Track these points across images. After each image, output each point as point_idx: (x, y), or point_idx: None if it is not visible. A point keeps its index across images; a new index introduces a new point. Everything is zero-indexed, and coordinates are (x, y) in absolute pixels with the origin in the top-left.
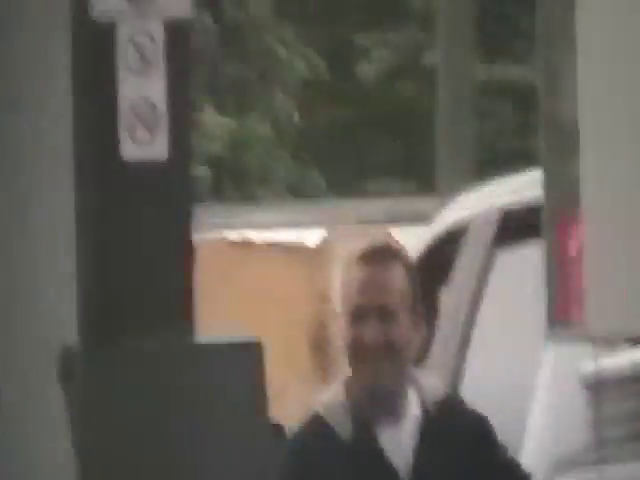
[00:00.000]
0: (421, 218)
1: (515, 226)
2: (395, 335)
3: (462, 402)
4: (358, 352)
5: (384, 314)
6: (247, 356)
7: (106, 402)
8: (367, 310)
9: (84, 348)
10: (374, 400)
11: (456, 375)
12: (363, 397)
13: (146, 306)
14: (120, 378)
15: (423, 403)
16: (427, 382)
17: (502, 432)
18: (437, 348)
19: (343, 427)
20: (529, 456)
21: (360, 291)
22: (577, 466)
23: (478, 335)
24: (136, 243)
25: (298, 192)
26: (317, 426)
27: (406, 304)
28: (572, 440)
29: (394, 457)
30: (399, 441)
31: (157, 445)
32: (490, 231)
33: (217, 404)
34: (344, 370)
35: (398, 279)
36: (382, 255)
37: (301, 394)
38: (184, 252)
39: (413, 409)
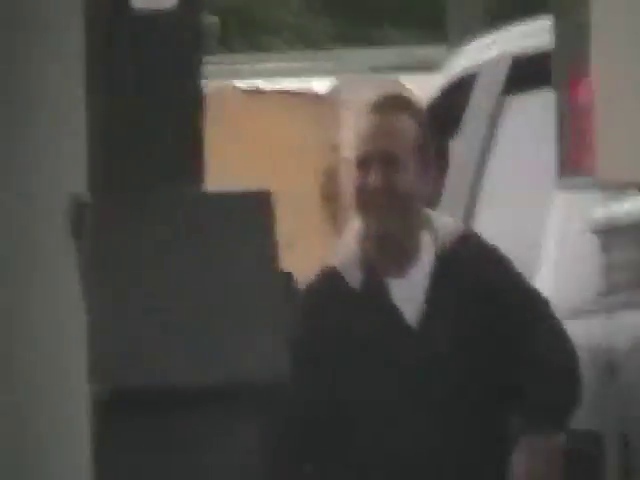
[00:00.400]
0: (432, 67)
1: (526, 72)
2: (399, 181)
3: (478, 238)
4: (363, 199)
5: (388, 160)
6: (257, 205)
7: (117, 253)
8: (371, 156)
9: (94, 200)
10: (382, 247)
11: (466, 225)
12: (372, 245)
13: (157, 157)
14: (130, 228)
15: (436, 245)
16: (441, 222)
17: None
18: (447, 197)
19: (353, 276)
20: None
21: (365, 138)
22: (588, 313)
23: (488, 184)
24: (147, 93)
25: (308, 41)
26: (329, 275)
27: (414, 152)
28: (583, 287)
29: (404, 306)
30: (410, 289)
31: (168, 296)
32: (500, 78)
33: (228, 254)
34: (355, 220)
35: (405, 127)
36: (391, 104)
37: (311, 244)
38: (194, 101)
39: (427, 253)
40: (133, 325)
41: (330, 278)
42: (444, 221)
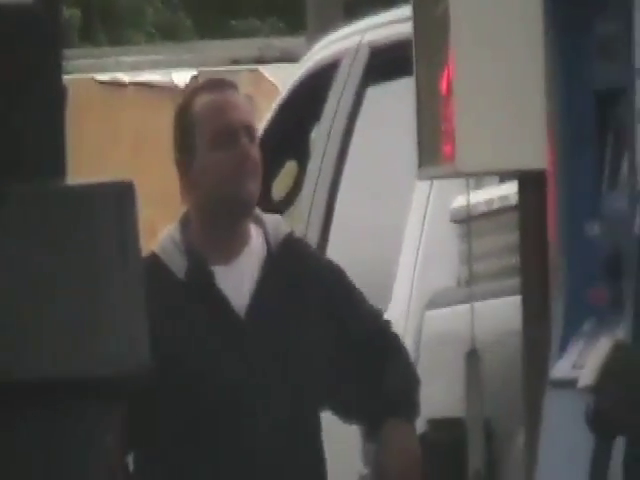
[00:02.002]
0: (291, 57)
1: (385, 62)
2: (257, 152)
3: (306, 244)
4: (240, 168)
5: (248, 131)
6: (119, 196)
7: None
8: (238, 129)
9: None
10: (236, 215)
11: (327, 215)
12: (204, 227)
13: (17, 150)
14: None
15: (267, 242)
16: (270, 221)
17: (374, 271)
18: (308, 187)
19: (178, 266)
20: (401, 294)
21: (226, 111)
22: (448, 302)
23: (349, 174)
24: (5, 85)
25: (167, 34)
26: (153, 265)
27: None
28: (444, 276)
29: (232, 295)
30: (238, 279)
31: (27, 292)
32: (360, 67)
33: (91, 245)
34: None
35: (247, 104)
36: (227, 84)
37: None
38: (54, 95)
39: (255, 245)
40: None
41: (154, 267)
42: (273, 218)
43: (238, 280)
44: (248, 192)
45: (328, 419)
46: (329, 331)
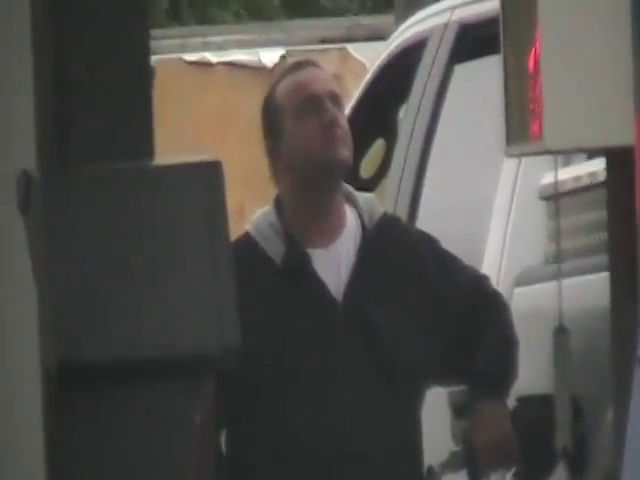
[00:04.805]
0: (379, 36)
1: (473, 39)
2: (345, 120)
3: (401, 222)
4: (329, 132)
5: (334, 99)
6: (206, 176)
7: (65, 227)
8: (322, 96)
9: (43, 174)
10: (330, 181)
11: (415, 193)
12: (299, 208)
13: (106, 131)
14: (80, 203)
15: (362, 223)
16: (364, 201)
17: (462, 249)
18: (396, 165)
19: (275, 250)
20: (489, 271)
21: (308, 83)
22: (536, 279)
23: (436, 152)
24: (94, 66)
25: (255, 13)
26: (248, 247)
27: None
28: (532, 253)
29: (327, 278)
30: (335, 263)
31: (120, 269)
32: (448, 45)
33: (179, 224)
34: (280, 189)
35: (331, 77)
36: (308, 63)
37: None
38: (142, 74)
39: (351, 227)
40: (85, 299)
41: (249, 249)
42: (367, 197)
43: (335, 264)
44: (340, 155)
45: None
46: (429, 308)
